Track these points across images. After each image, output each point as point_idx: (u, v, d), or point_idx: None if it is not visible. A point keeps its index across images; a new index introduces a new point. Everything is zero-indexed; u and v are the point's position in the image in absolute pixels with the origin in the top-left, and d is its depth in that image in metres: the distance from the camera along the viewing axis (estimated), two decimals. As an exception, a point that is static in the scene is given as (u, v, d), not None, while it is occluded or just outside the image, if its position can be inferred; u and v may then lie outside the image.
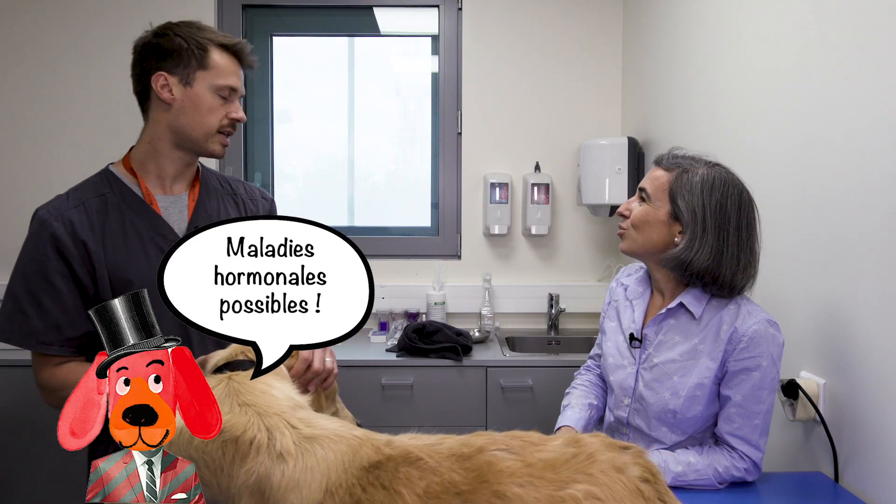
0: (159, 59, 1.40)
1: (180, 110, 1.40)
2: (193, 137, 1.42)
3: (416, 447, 0.89)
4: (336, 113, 3.16)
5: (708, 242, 1.35)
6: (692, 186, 1.37)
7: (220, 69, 1.41)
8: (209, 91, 1.40)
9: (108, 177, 1.43)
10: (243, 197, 1.58)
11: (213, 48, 1.41)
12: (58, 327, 1.33)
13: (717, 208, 1.35)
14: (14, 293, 1.34)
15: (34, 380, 1.37)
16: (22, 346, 1.32)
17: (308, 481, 0.87)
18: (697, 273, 1.37)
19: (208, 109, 1.41)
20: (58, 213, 1.35)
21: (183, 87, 1.39)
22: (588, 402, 1.62)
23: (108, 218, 1.38)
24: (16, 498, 2.41)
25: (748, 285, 1.41)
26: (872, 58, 1.35)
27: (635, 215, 1.44)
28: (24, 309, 1.32)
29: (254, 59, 1.49)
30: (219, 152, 1.46)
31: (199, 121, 1.41)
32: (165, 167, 1.45)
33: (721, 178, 1.38)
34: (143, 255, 1.38)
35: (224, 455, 0.89)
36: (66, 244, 1.32)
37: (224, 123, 1.44)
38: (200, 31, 1.42)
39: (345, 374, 2.41)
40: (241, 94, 1.47)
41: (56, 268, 1.32)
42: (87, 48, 2.92)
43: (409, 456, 0.88)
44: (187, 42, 1.40)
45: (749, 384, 1.34)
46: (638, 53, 2.85)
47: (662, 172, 1.43)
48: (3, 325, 1.33)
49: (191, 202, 1.48)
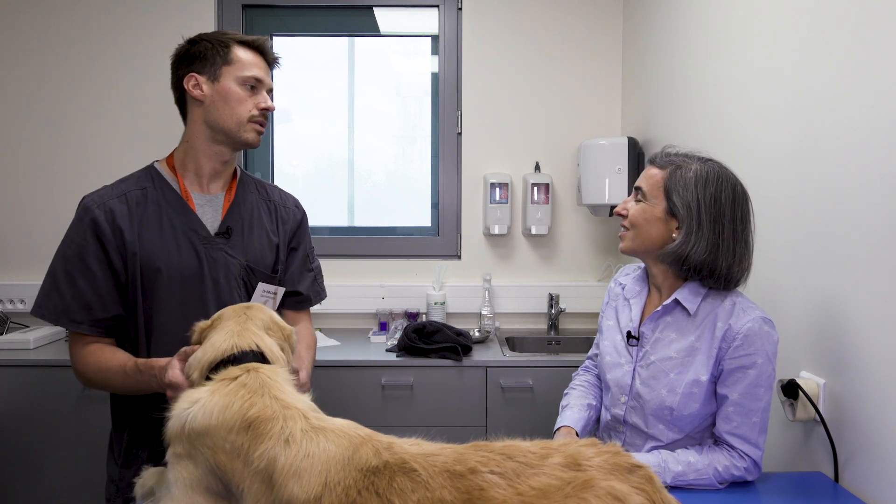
0: (189, 63, 1.51)
1: (211, 105, 1.50)
2: (226, 128, 1.51)
3: (413, 457, 0.90)
4: (336, 113, 3.16)
5: (704, 236, 1.36)
6: (686, 182, 1.38)
7: (243, 62, 1.51)
8: (235, 83, 1.51)
9: (151, 172, 1.54)
10: (277, 203, 1.67)
11: (234, 44, 1.52)
12: (89, 308, 1.43)
13: (711, 202, 1.37)
14: (54, 273, 1.44)
15: (71, 364, 1.47)
16: (55, 322, 1.43)
17: (308, 470, 0.89)
18: (695, 266, 1.38)
19: (237, 100, 1.51)
20: (101, 201, 1.46)
21: (211, 83, 1.50)
22: (587, 402, 1.63)
23: (146, 210, 1.48)
24: (16, 498, 2.41)
25: (743, 277, 1.42)
26: (872, 57, 1.35)
27: (633, 214, 1.45)
28: (60, 288, 1.43)
29: (276, 55, 1.60)
30: (254, 140, 1.55)
31: (229, 112, 1.51)
32: (203, 165, 1.54)
33: (714, 172, 1.39)
34: (175, 248, 1.47)
35: (246, 439, 0.94)
36: (105, 230, 1.43)
37: (254, 113, 1.53)
38: (224, 34, 1.54)
39: (345, 374, 2.42)
40: (268, 87, 1.57)
41: (93, 251, 1.43)
42: (87, 48, 2.92)
43: (405, 466, 0.89)
44: (211, 43, 1.51)
45: (745, 382, 1.34)
46: (638, 53, 2.85)
47: (657, 171, 1.45)
48: (41, 301, 1.44)
49: (226, 202, 1.56)
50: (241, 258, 1.53)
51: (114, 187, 1.50)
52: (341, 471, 0.89)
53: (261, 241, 1.58)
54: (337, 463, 0.90)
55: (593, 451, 0.91)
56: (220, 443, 0.95)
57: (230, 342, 1.12)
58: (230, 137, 1.52)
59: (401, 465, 0.89)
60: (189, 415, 0.98)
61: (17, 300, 2.88)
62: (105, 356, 1.42)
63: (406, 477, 0.87)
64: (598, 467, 0.88)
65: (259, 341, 1.13)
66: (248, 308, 1.22)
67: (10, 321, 2.76)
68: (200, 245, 1.48)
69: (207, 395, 1.00)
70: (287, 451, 0.91)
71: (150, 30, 2.92)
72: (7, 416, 2.39)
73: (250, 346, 1.12)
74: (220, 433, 0.95)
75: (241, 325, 1.16)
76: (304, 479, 0.88)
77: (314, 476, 0.88)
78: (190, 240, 1.48)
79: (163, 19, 2.92)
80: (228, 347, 1.11)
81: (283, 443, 0.92)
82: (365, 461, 0.90)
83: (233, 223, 1.54)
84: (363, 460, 0.90)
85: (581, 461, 0.88)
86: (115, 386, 1.43)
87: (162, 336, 1.45)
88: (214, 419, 0.96)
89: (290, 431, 0.93)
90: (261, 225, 1.59)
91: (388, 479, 0.87)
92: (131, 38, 2.93)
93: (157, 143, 2.71)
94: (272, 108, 1.56)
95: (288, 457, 0.90)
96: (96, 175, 2.80)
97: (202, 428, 0.96)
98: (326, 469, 0.89)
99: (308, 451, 0.90)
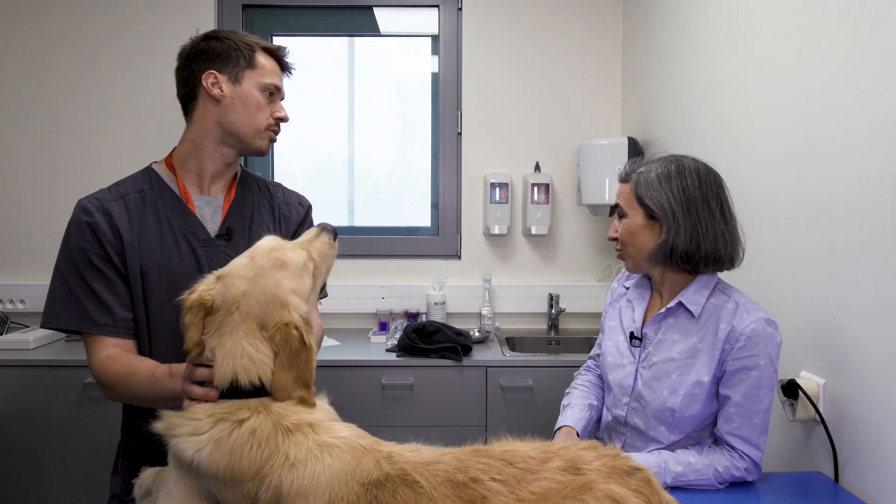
0: (209, 59, 1.47)
1: (230, 106, 1.47)
2: (242, 133, 1.48)
3: (414, 466, 0.90)
4: (336, 113, 3.16)
5: (681, 225, 1.39)
6: (650, 183, 1.43)
7: (265, 69, 1.49)
8: (256, 89, 1.48)
9: (149, 174, 1.51)
10: (279, 201, 1.63)
11: (258, 50, 1.50)
12: (109, 309, 1.40)
13: (679, 192, 1.40)
14: (65, 280, 1.41)
15: (91, 372, 1.42)
16: (81, 329, 1.39)
17: (314, 490, 0.89)
18: (681, 256, 1.40)
19: (256, 106, 1.48)
20: (98, 204, 1.43)
21: (232, 84, 1.47)
22: (588, 402, 1.63)
23: (145, 212, 1.45)
24: (16, 498, 2.41)
25: (738, 255, 1.43)
26: (872, 57, 1.35)
27: (621, 233, 1.50)
28: (77, 294, 1.40)
29: (292, 65, 1.58)
30: (265, 149, 1.53)
31: (247, 117, 1.48)
32: (206, 165, 1.51)
33: (673, 164, 1.43)
34: (175, 250, 1.45)
35: (253, 485, 0.91)
36: (104, 232, 1.40)
37: (271, 122, 1.51)
38: (247, 36, 1.51)
39: (345, 374, 2.42)
40: (283, 97, 1.55)
41: (98, 253, 1.40)
42: (87, 49, 2.92)
43: (407, 478, 0.89)
44: (236, 44, 1.48)
45: (748, 383, 1.34)
46: (638, 53, 2.85)
47: (625, 185, 1.50)
48: (60, 311, 1.40)
49: (226, 203, 1.53)
50: None
51: (111, 190, 1.47)
52: (344, 486, 0.89)
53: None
54: (340, 479, 0.89)
55: (592, 454, 0.92)
56: (226, 486, 0.93)
57: (230, 369, 1.00)
58: (242, 142, 1.49)
59: (403, 476, 0.89)
60: (195, 459, 0.94)
61: (17, 300, 2.88)
62: (131, 361, 1.37)
63: (409, 489, 0.87)
64: (597, 470, 0.88)
65: (262, 371, 0.99)
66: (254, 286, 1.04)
67: (10, 321, 2.76)
68: (200, 248, 1.46)
69: (213, 443, 0.94)
70: (292, 474, 0.90)
71: (150, 30, 2.91)
72: (7, 416, 2.39)
73: (252, 381, 0.99)
74: (225, 482, 0.93)
75: (250, 334, 1.01)
76: (311, 499, 0.88)
77: (319, 494, 0.88)
78: (189, 242, 1.46)
79: (163, 19, 2.92)
80: (230, 376, 1.00)
81: (288, 468, 0.90)
82: (366, 474, 0.89)
83: (233, 224, 1.51)
84: (364, 473, 0.90)
85: (580, 465, 0.89)
86: (138, 393, 1.34)
87: (163, 341, 1.43)
88: (222, 471, 0.93)
89: (294, 457, 0.91)
90: (262, 224, 1.56)
91: (391, 492, 0.87)
92: (131, 39, 2.93)
93: (158, 142, 2.71)
94: (287, 118, 1.54)
95: (294, 480, 0.89)
96: (96, 175, 2.81)
97: (208, 473, 0.94)
98: (330, 486, 0.89)
99: (313, 471, 0.90)
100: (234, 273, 1.05)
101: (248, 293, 1.02)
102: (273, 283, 1.03)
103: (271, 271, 1.05)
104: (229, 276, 1.05)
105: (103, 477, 1.55)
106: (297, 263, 1.08)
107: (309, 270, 1.11)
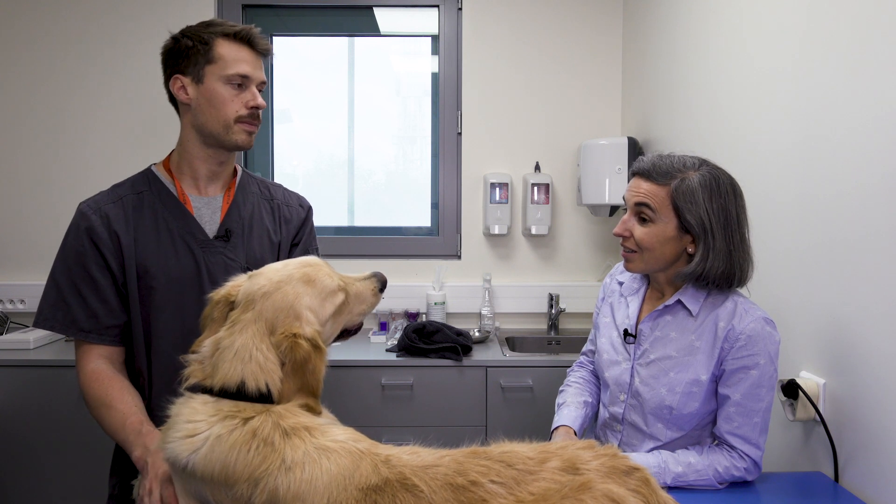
0: (174, 63, 1.44)
1: (198, 108, 1.45)
2: (214, 132, 1.45)
3: (413, 470, 0.90)
4: (336, 113, 3.16)
5: (719, 248, 1.35)
6: (693, 195, 1.34)
7: (226, 59, 1.43)
8: (220, 83, 1.43)
9: (148, 176, 1.50)
10: (279, 202, 1.62)
11: (217, 40, 1.43)
12: (95, 316, 1.40)
13: (720, 211, 1.35)
14: (57, 283, 1.42)
15: (78, 382, 1.41)
16: (65, 333, 1.41)
17: (311, 494, 0.88)
18: (714, 280, 1.37)
19: (221, 101, 1.43)
20: (97, 206, 1.43)
21: (196, 85, 1.44)
22: (583, 399, 1.62)
23: (142, 214, 1.45)
24: (16, 498, 2.41)
25: (751, 271, 1.41)
26: (873, 57, 1.35)
27: (643, 239, 1.39)
28: (66, 298, 1.40)
29: (267, 44, 1.50)
30: (243, 142, 1.47)
31: (214, 115, 1.44)
32: (198, 168, 1.50)
33: (714, 177, 1.36)
34: (173, 252, 1.44)
35: (247, 488, 0.90)
36: (101, 235, 1.41)
37: (241, 113, 1.45)
38: (207, 27, 1.44)
39: (345, 374, 2.42)
40: (257, 81, 1.47)
41: (93, 259, 1.40)
42: (86, 49, 2.92)
43: (407, 482, 0.88)
44: (192, 40, 1.43)
45: (748, 383, 1.34)
46: (638, 53, 2.85)
47: (654, 187, 1.37)
48: (48, 313, 1.41)
49: (224, 204, 1.52)
50: (242, 261, 1.49)
51: (110, 192, 1.47)
52: (343, 491, 0.88)
53: (261, 242, 1.54)
54: (338, 484, 0.88)
55: (591, 454, 0.91)
56: (221, 489, 0.92)
57: (238, 373, 0.99)
58: (219, 141, 1.45)
59: (401, 480, 0.88)
60: (189, 462, 0.93)
61: (17, 300, 2.88)
62: (111, 392, 1.34)
63: (409, 493, 0.87)
64: (596, 470, 0.88)
65: (269, 378, 0.98)
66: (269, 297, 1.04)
67: (10, 321, 2.76)
68: (198, 249, 1.45)
69: (212, 441, 0.92)
70: (289, 478, 0.89)
71: (150, 30, 2.91)
72: (7, 417, 2.39)
73: (259, 387, 0.98)
74: (219, 484, 0.91)
75: (258, 336, 1.00)
76: (308, 503, 0.88)
77: (317, 499, 0.87)
78: (187, 244, 1.45)
79: (162, 20, 2.92)
80: (237, 380, 0.99)
81: (285, 471, 0.89)
82: (365, 479, 0.89)
83: (232, 225, 1.50)
84: (363, 478, 0.89)
85: (578, 464, 0.89)
86: (106, 427, 1.33)
87: (160, 343, 1.43)
88: (217, 471, 0.91)
89: (291, 461, 0.90)
90: (262, 225, 1.55)
91: (390, 497, 0.87)
92: (130, 39, 2.93)
93: (157, 143, 2.71)
94: (262, 105, 1.45)
95: (291, 484, 0.88)
96: (96, 175, 2.81)
97: (203, 475, 0.92)
98: (328, 491, 0.88)
99: (311, 475, 0.89)
100: (264, 273, 1.08)
101: (267, 294, 1.03)
102: (294, 293, 1.04)
103: (297, 283, 1.05)
104: (259, 275, 1.08)
105: (103, 477, 1.55)
106: (325, 286, 1.09)
107: (336, 301, 1.10)
